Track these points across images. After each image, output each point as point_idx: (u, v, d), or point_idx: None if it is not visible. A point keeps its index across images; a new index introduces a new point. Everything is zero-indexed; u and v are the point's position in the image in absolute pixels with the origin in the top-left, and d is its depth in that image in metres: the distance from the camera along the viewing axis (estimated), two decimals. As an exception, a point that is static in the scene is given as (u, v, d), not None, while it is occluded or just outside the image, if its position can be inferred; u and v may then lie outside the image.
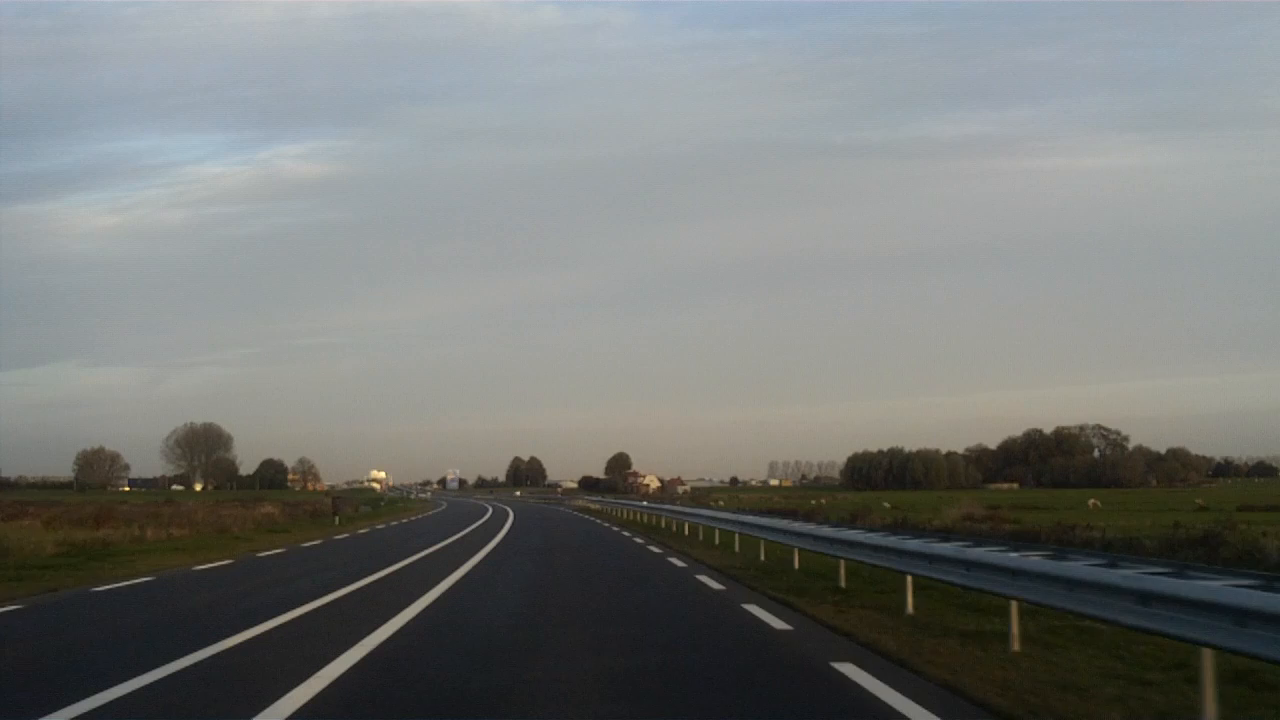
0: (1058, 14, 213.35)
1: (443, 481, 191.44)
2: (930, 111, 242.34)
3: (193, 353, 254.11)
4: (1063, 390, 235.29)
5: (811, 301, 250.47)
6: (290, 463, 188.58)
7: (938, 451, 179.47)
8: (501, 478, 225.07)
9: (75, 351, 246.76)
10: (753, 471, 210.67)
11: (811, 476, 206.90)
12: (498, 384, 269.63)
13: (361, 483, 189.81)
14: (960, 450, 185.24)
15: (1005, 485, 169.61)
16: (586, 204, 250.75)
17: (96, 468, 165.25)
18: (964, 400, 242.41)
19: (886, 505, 61.64)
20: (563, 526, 45.73)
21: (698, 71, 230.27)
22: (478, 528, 42.83)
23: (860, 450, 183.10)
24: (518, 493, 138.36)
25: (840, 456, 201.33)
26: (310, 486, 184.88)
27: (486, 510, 71.48)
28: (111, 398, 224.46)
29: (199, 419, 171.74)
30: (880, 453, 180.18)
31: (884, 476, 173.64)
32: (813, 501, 72.39)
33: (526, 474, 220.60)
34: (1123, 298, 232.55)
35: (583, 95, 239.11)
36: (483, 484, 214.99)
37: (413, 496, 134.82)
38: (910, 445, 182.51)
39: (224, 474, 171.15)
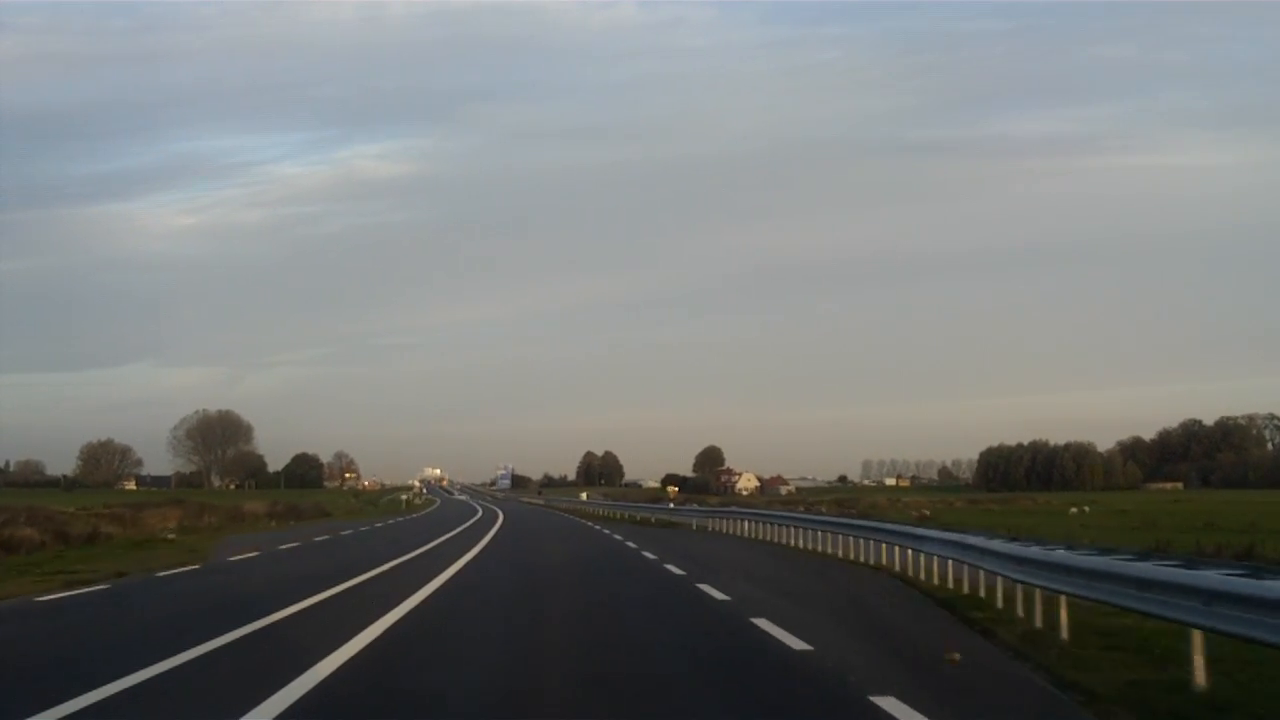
0: (1138, 10, 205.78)
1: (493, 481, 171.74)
2: (1010, 108, 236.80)
3: (269, 352, 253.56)
4: (1188, 386, 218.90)
5: (894, 298, 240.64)
6: (326, 458, 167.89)
7: (1092, 445, 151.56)
8: (572, 475, 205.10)
9: (151, 351, 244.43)
10: (848, 471, 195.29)
11: (908, 475, 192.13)
12: (574, 382, 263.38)
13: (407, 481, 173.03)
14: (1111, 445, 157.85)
15: (1168, 485, 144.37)
16: (665, 202, 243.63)
17: (104, 463, 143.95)
18: (1077, 398, 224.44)
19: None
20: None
21: (776, 68, 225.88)
22: None
23: (996, 444, 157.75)
24: (583, 495, 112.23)
25: (937, 455, 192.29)
26: (361, 485, 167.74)
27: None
28: (188, 397, 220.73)
29: (269, 416, 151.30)
30: (1020, 446, 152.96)
31: (1025, 474, 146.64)
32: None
33: (600, 471, 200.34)
34: (1243, 291, 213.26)
35: (661, 93, 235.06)
36: (550, 483, 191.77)
37: (422, 499, 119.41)
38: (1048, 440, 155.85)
39: (245, 470, 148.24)
